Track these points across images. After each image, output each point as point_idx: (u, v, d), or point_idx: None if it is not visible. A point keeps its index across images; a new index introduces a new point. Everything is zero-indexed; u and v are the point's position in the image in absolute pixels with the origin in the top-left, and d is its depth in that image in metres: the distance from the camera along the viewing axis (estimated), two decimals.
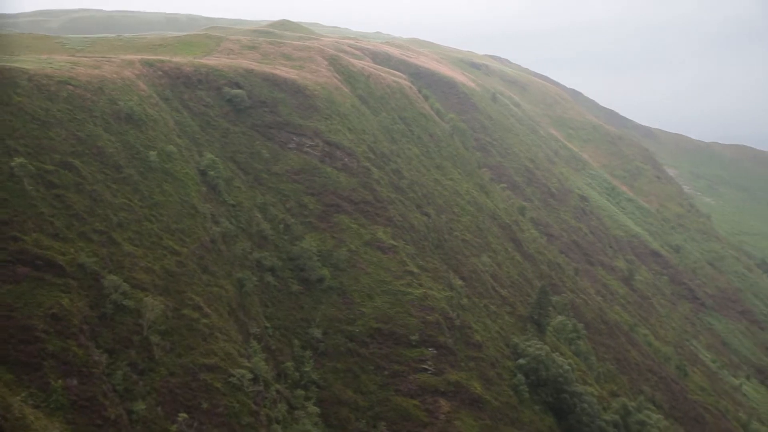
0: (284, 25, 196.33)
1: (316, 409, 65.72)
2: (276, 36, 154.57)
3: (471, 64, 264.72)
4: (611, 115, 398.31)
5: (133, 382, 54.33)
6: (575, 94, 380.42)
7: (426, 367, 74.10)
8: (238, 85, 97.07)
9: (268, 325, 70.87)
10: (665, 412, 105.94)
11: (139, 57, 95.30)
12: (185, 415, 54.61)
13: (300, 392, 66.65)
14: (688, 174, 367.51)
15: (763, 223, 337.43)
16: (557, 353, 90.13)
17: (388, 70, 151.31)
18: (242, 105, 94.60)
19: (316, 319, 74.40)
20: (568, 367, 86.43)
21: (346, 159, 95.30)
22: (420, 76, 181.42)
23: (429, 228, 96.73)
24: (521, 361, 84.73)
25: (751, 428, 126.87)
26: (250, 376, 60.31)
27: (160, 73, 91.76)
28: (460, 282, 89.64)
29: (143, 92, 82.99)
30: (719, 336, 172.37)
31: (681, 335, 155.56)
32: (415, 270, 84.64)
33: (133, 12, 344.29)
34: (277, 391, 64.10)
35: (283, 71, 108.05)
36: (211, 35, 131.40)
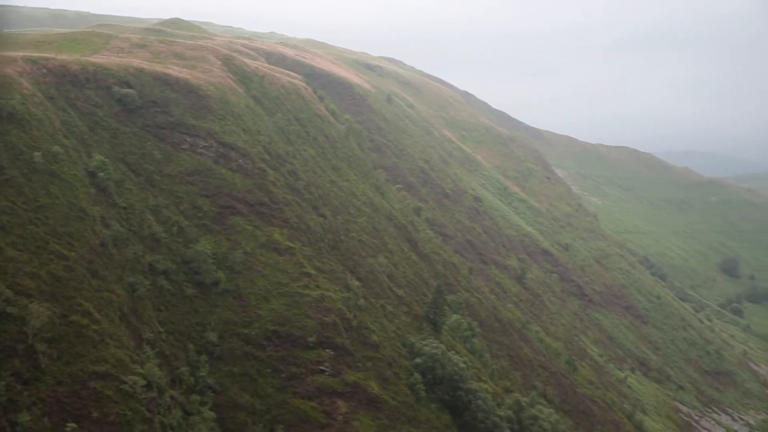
0: (176, 23, 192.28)
1: (212, 414, 64.60)
2: (167, 35, 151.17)
3: (365, 66, 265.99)
4: (503, 117, 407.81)
5: (18, 392, 52.08)
6: (468, 96, 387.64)
7: (323, 368, 74.01)
8: (128, 85, 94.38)
9: (161, 329, 69.20)
10: (556, 406, 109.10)
11: (21, 54, 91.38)
12: (74, 425, 52.70)
13: (195, 398, 65.36)
14: (575, 174, 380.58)
15: (645, 221, 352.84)
16: (453, 351, 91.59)
17: (282, 70, 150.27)
18: (133, 105, 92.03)
19: (212, 323, 73.19)
20: (463, 365, 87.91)
21: (240, 160, 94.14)
22: (315, 76, 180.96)
23: (325, 229, 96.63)
24: (418, 360, 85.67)
25: (635, 419, 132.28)
26: (143, 382, 58.73)
27: (45, 71, 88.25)
28: (356, 283, 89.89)
29: (26, 91, 79.65)
30: (606, 331, 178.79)
31: (570, 331, 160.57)
32: (312, 271, 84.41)
33: (15, 6, 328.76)
34: (172, 397, 62.65)
35: (176, 71, 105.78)
36: (99, 33, 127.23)
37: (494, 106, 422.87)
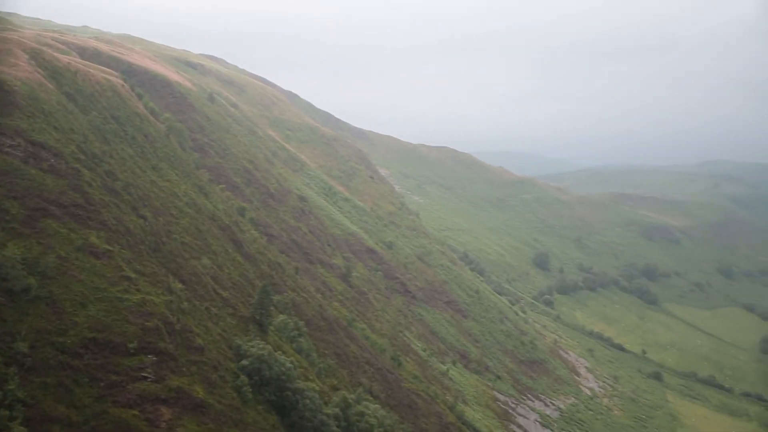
0: None
1: (23, 430, 60.66)
2: None
3: (186, 63, 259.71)
4: (327, 117, 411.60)
5: None
6: (292, 96, 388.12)
7: (146, 375, 71.45)
8: None
9: None
10: (382, 402, 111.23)
11: None
12: None
13: (4, 413, 61.13)
14: (398, 174, 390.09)
15: (464, 219, 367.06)
16: (280, 352, 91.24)
17: (98, 66, 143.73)
18: None
19: (22, 333, 68.74)
20: (290, 365, 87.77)
21: (52, 160, 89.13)
22: (133, 73, 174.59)
23: (146, 231, 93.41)
24: (244, 362, 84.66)
25: (457, 410, 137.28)
26: None
27: None
28: (180, 285, 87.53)
29: None
30: (428, 326, 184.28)
31: (395, 327, 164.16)
32: (133, 275, 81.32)
33: None
34: None
35: None
36: None
37: (318, 106, 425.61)
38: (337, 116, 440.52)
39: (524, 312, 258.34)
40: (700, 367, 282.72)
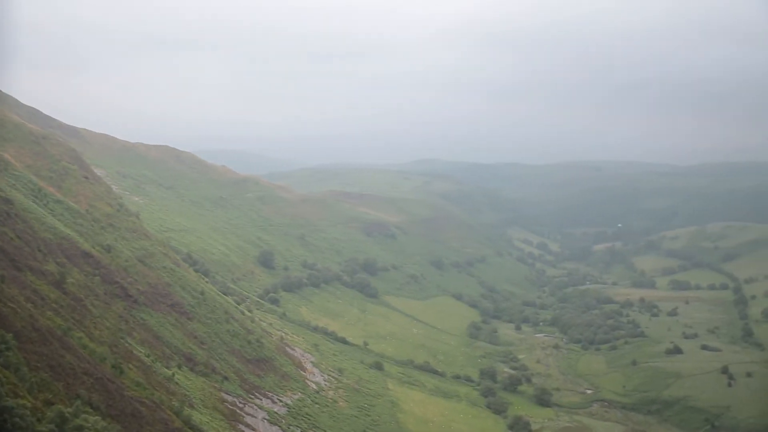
0: None
1: None
2: None
3: None
4: (34, 113, 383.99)
5: None
6: None
7: None
8: None
9: None
10: (103, 413, 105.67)
11: None
12: None
13: None
14: (115, 174, 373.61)
15: (187, 219, 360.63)
16: None
17: None
18: None
19: None
20: None
21: None
22: None
23: None
24: None
25: (183, 414, 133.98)
26: None
27: None
28: None
29: None
30: (152, 330, 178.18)
31: (116, 334, 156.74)
32: None
33: None
34: None
35: None
36: None
37: (24, 101, 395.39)
38: (45, 112, 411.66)
39: (250, 311, 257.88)
40: (416, 355, 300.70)
